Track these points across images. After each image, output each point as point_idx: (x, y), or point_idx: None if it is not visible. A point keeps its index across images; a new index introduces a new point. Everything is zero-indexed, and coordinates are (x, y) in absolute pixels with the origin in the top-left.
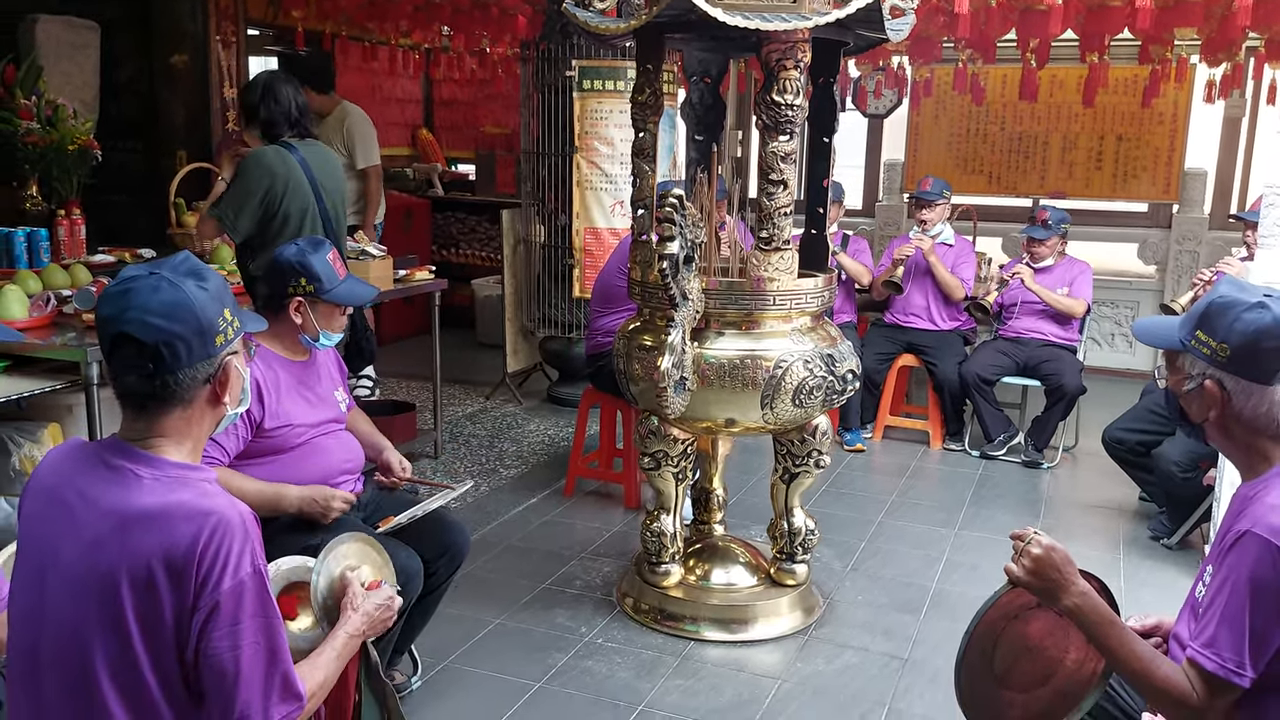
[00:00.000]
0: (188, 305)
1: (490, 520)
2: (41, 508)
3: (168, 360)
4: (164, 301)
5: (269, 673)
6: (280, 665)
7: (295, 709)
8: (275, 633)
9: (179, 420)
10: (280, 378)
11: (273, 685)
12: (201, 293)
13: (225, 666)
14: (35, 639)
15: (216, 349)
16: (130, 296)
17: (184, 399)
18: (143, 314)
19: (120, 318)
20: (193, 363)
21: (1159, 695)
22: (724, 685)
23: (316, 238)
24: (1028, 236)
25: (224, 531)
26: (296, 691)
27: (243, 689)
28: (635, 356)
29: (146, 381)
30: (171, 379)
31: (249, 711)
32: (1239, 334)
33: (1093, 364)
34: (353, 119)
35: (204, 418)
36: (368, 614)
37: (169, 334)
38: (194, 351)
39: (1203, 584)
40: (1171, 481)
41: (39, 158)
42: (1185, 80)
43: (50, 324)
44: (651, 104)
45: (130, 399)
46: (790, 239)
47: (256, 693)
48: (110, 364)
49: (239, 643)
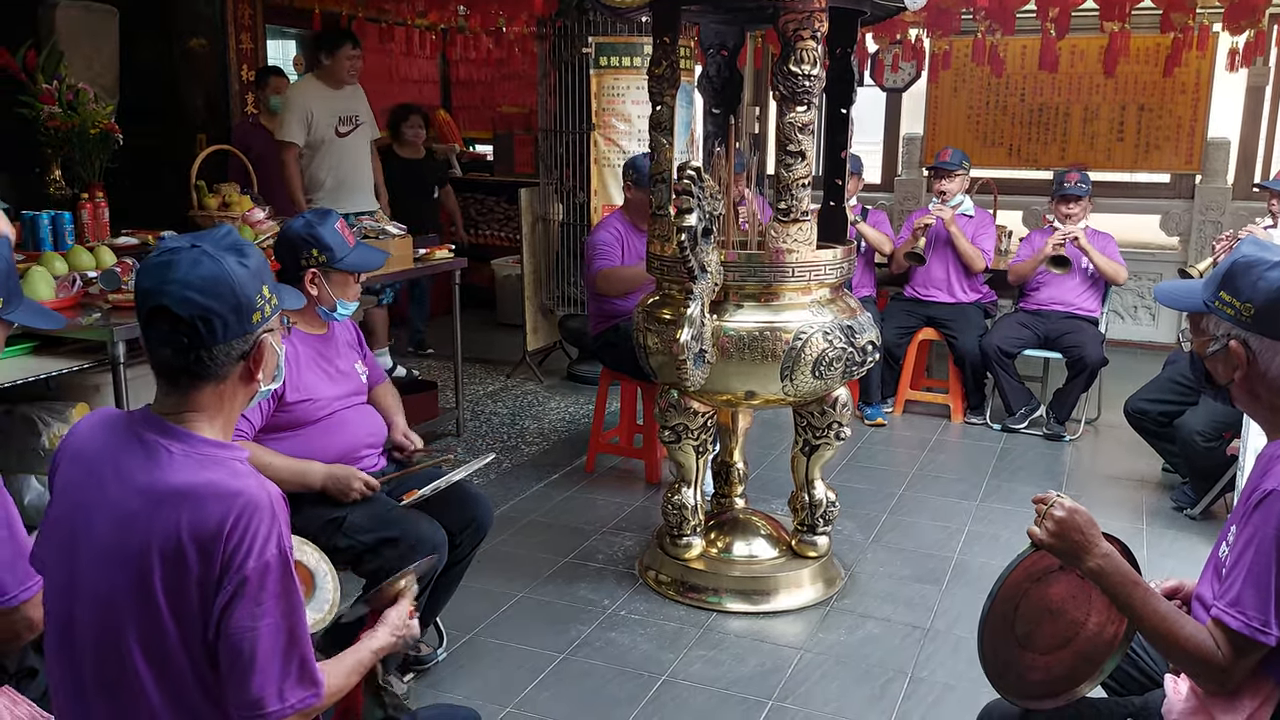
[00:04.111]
0: (227, 281)
1: (513, 496)
2: (78, 475)
3: (204, 335)
4: (204, 276)
5: (287, 654)
6: (299, 648)
7: (312, 695)
8: (297, 617)
9: (212, 396)
10: (300, 351)
11: (290, 667)
12: (242, 269)
13: (244, 645)
14: (69, 610)
15: (253, 326)
16: (170, 269)
17: (218, 375)
18: (182, 288)
19: (159, 290)
20: (228, 339)
21: (1183, 656)
22: (746, 655)
23: (322, 209)
24: (1060, 196)
25: (252, 512)
26: (315, 678)
27: (260, 669)
28: (654, 330)
29: (181, 356)
30: (206, 354)
31: (264, 692)
32: (1263, 293)
33: (1115, 336)
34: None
35: (237, 394)
36: (397, 629)
37: (206, 309)
38: (230, 328)
39: (1226, 544)
40: (1194, 451)
41: (61, 142)
42: (1207, 49)
43: (76, 304)
44: (668, 77)
45: (165, 372)
46: (809, 211)
47: (274, 673)
48: (146, 336)
49: (259, 622)
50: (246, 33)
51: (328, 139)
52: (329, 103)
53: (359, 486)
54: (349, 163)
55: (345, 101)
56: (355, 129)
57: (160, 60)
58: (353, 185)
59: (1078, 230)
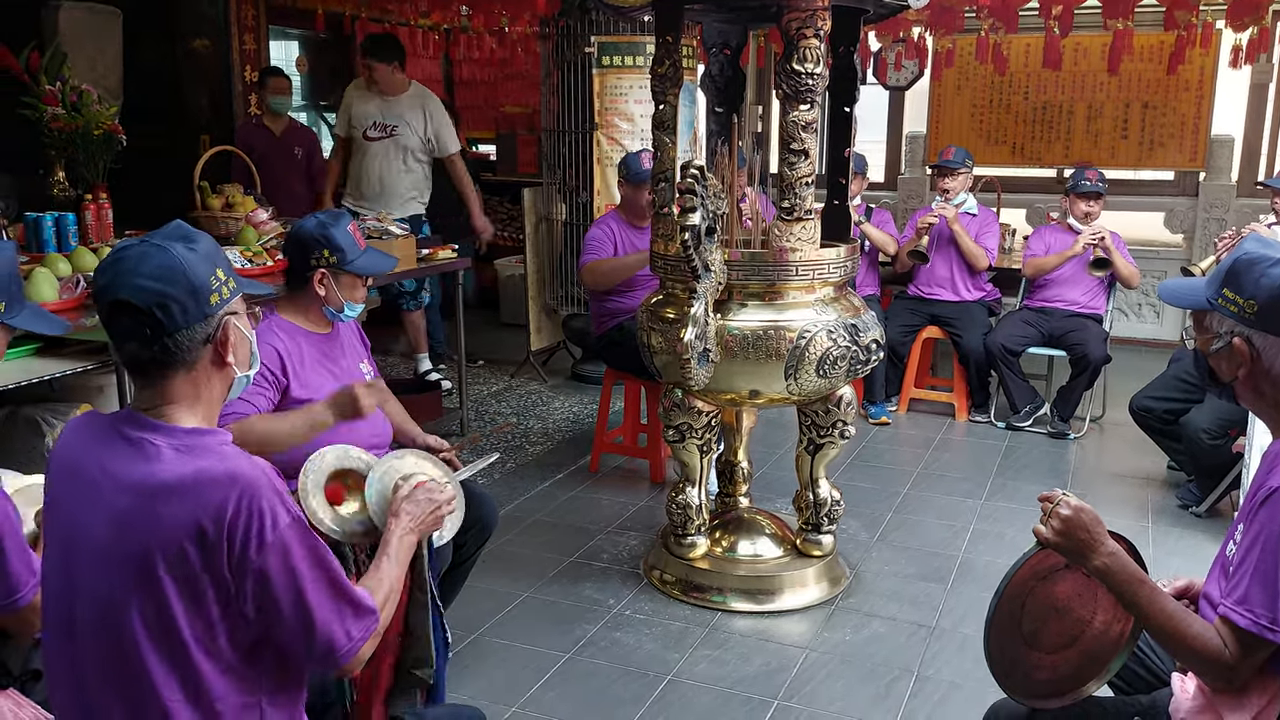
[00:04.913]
0: (178, 266)
1: (517, 496)
2: (65, 484)
3: (164, 322)
4: (154, 265)
5: (337, 601)
6: (345, 592)
7: (371, 621)
8: (329, 565)
9: (186, 384)
10: (304, 350)
11: (344, 610)
12: (190, 254)
13: (297, 614)
14: (69, 612)
15: (212, 308)
16: (122, 264)
17: (186, 361)
18: (134, 278)
19: (113, 285)
20: (189, 323)
21: (1190, 654)
22: (752, 655)
23: (335, 210)
24: (1078, 193)
25: (252, 492)
26: (368, 606)
27: (320, 626)
28: (658, 329)
29: (146, 346)
30: (170, 341)
31: (332, 641)
32: (1266, 289)
33: (1119, 334)
34: (434, 104)
35: (211, 380)
36: (410, 511)
37: (162, 295)
38: (189, 311)
39: (1234, 542)
40: (1200, 449)
41: (65, 143)
42: (1211, 46)
43: (80, 306)
44: (671, 76)
45: (135, 366)
46: (812, 209)
47: (334, 623)
48: (111, 334)
49: (301, 588)
50: (250, 33)
51: (357, 139)
52: (365, 105)
53: (363, 394)
54: (369, 167)
55: (384, 108)
56: (388, 137)
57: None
58: (367, 189)
59: (1106, 231)
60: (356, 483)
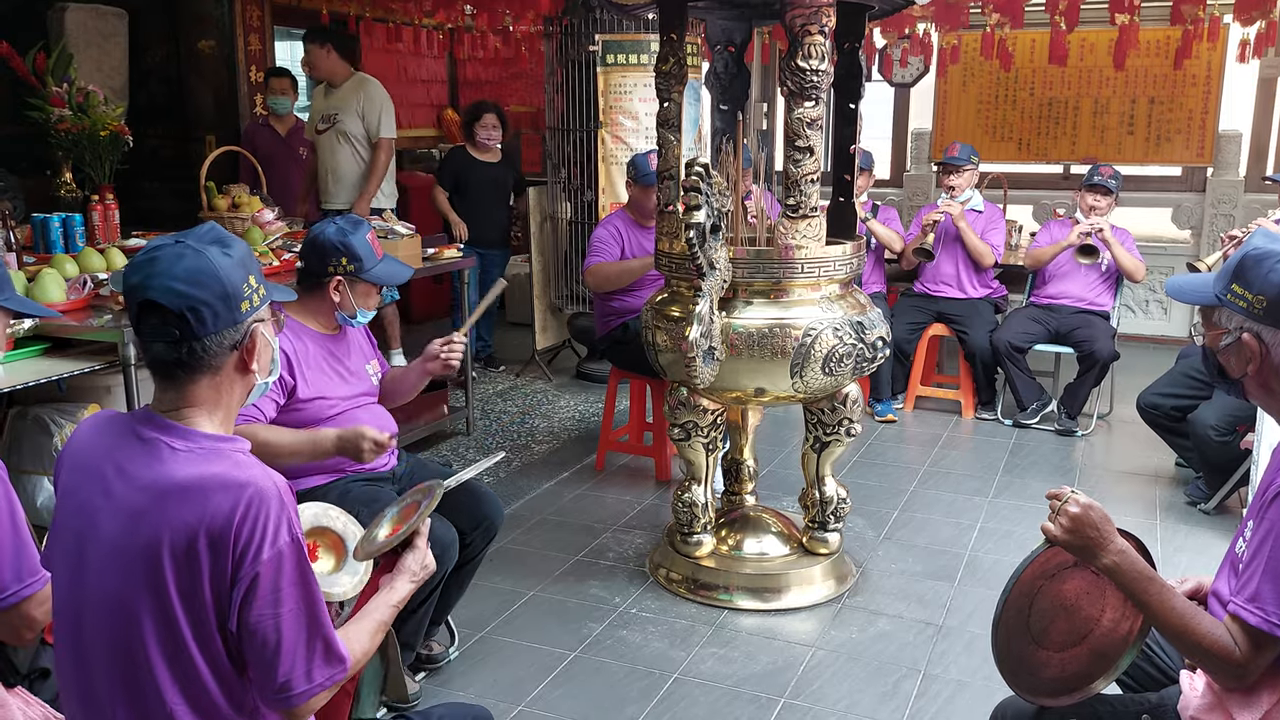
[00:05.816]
0: (212, 271)
1: (523, 495)
2: (78, 481)
3: (194, 326)
4: (188, 268)
5: (311, 639)
6: (321, 630)
7: (338, 671)
8: (315, 600)
9: (208, 389)
10: (311, 350)
11: (315, 650)
12: (225, 259)
13: (267, 635)
14: (78, 611)
15: (242, 315)
16: (155, 264)
17: (212, 366)
18: (167, 280)
19: (146, 285)
20: (219, 329)
21: (1200, 652)
22: (758, 653)
23: (355, 216)
24: (1088, 186)
25: (260, 503)
26: (339, 654)
27: (285, 656)
28: (663, 327)
29: (173, 349)
30: (198, 345)
31: (292, 677)
32: (1275, 285)
33: (1127, 331)
34: (373, 88)
35: (234, 386)
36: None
37: (194, 299)
38: (220, 317)
39: (1243, 540)
40: (1208, 445)
41: (72, 144)
42: (1218, 40)
43: (87, 306)
44: (675, 73)
45: (159, 367)
46: (817, 206)
47: (300, 659)
48: (138, 332)
49: (280, 611)
50: (255, 34)
51: (314, 137)
52: (317, 101)
53: (368, 446)
54: (322, 160)
55: (328, 101)
56: (332, 127)
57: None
58: (322, 182)
59: (1104, 223)
60: (333, 542)
